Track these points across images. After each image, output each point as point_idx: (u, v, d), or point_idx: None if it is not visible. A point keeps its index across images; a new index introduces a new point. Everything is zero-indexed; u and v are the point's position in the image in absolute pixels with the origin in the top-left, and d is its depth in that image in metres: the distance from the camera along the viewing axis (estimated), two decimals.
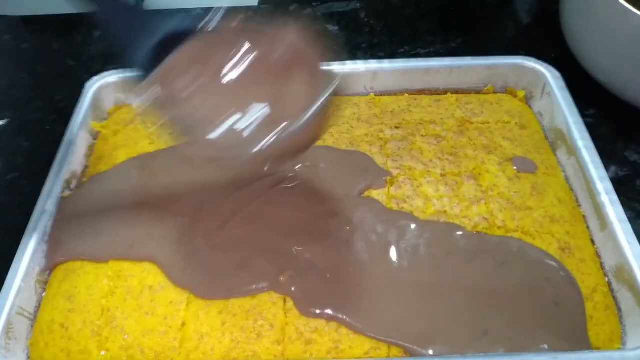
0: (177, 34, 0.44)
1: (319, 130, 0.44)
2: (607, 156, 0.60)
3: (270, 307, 0.49)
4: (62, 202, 0.58)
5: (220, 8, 0.46)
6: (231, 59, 0.43)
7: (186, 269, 0.51)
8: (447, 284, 0.50)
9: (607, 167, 0.58)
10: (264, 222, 0.55)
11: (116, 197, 0.58)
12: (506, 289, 0.50)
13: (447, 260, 0.52)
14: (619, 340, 0.49)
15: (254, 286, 0.50)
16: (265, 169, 0.43)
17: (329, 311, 0.49)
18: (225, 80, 0.43)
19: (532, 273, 0.51)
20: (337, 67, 0.69)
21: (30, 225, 0.55)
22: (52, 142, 0.65)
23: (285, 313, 0.49)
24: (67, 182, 0.60)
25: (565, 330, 0.48)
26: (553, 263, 0.52)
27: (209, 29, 0.44)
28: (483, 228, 0.54)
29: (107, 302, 0.50)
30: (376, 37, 0.90)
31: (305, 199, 0.56)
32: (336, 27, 0.92)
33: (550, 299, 0.50)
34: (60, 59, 0.88)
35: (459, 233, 0.54)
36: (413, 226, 0.54)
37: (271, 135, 0.41)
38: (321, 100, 0.42)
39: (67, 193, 0.59)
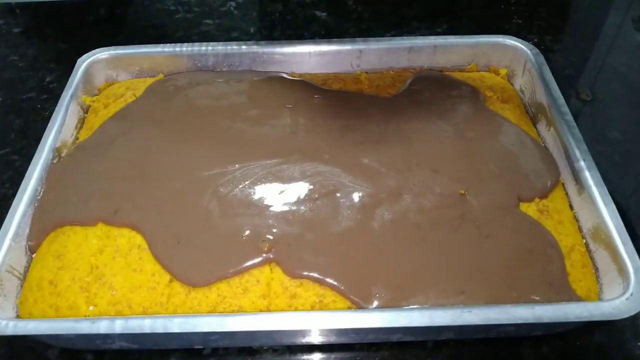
0: None
1: None
2: None
3: None
4: (52, 168, 0.58)
5: None
6: None
7: (166, 247, 0.51)
8: (431, 250, 0.51)
9: None
10: (246, 194, 0.55)
11: (102, 162, 0.59)
12: (488, 252, 0.51)
13: (431, 228, 0.53)
14: (595, 297, 0.50)
15: (237, 268, 0.50)
16: None
17: (313, 274, 0.50)
18: None
19: (513, 236, 0.52)
20: (325, 45, 0.70)
21: (21, 188, 0.55)
22: (42, 120, 0.66)
23: (271, 269, 0.50)
24: (58, 151, 0.61)
25: (546, 284, 0.49)
26: (532, 223, 0.53)
27: None
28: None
29: (96, 260, 0.51)
30: (363, 23, 0.92)
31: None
32: (324, 14, 0.93)
33: (530, 259, 0.51)
34: (52, 43, 0.90)
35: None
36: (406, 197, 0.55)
37: None
38: None
39: (57, 161, 0.60)
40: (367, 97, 0.67)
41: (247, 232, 0.52)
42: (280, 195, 0.55)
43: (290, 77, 0.70)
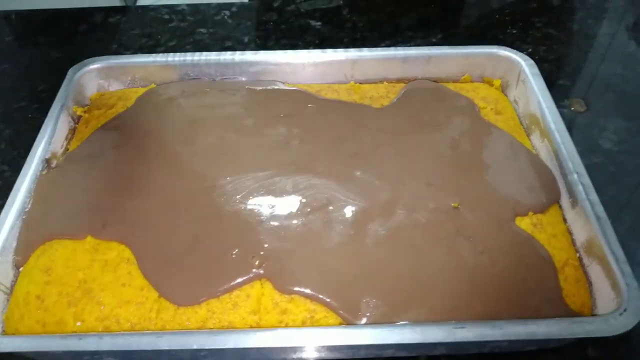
0: None
1: None
2: None
3: None
4: (40, 180, 0.58)
5: None
6: None
7: (154, 266, 0.50)
8: (425, 267, 0.51)
9: None
10: (237, 209, 0.55)
11: (91, 174, 0.58)
12: (483, 268, 0.50)
13: (425, 245, 0.52)
14: (589, 312, 0.49)
15: (226, 287, 0.49)
16: None
17: (304, 290, 0.49)
18: None
19: (508, 251, 0.52)
20: (318, 55, 0.70)
21: (9, 201, 0.55)
22: (33, 130, 0.65)
23: (261, 284, 0.49)
24: (48, 162, 0.60)
25: (540, 300, 0.48)
26: (527, 238, 0.52)
27: None
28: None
29: (84, 275, 0.50)
30: (358, 33, 0.91)
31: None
32: (319, 23, 0.93)
33: (525, 275, 0.50)
34: (44, 51, 0.89)
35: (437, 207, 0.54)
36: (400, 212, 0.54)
37: None
38: None
39: (46, 172, 0.59)
40: (361, 107, 0.66)
41: (237, 250, 0.51)
42: (272, 209, 0.54)
43: (284, 86, 0.69)
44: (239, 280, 0.49)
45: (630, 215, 0.62)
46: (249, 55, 0.70)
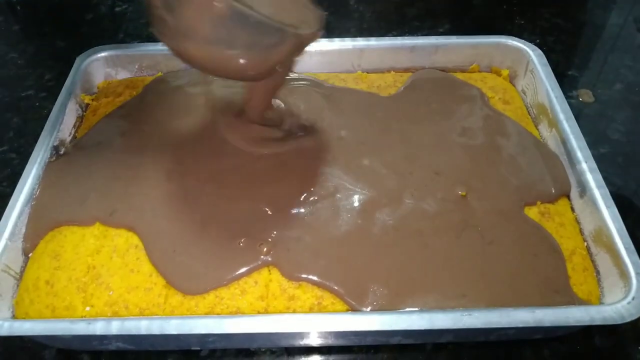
0: None
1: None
2: None
3: None
4: (48, 167, 0.58)
5: None
6: None
7: (162, 255, 0.50)
8: (433, 256, 0.51)
9: None
10: (248, 189, 0.55)
11: (99, 161, 0.58)
12: (491, 258, 0.50)
13: (434, 234, 0.52)
14: (597, 301, 0.49)
15: (233, 275, 0.49)
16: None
17: (312, 277, 0.49)
18: None
19: (516, 241, 0.52)
20: (325, 44, 0.70)
21: (18, 188, 0.55)
22: (41, 118, 0.66)
23: (269, 270, 0.50)
24: (56, 149, 0.60)
25: (548, 288, 0.48)
26: (535, 227, 0.52)
27: None
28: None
29: (92, 260, 0.50)
30: (365, 23, 0.91)
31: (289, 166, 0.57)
32: (326, 13, 0.92)
33: (534, 264, 0.50)
34: (51, 41, 0.89)
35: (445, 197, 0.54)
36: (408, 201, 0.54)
37: None
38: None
39: (54, 159, 0.60)
40: (368, 95, 0.66)
41: (245, 237, 0.51)
42: (279, 197, 0.54)
43: (291, 73, 0.69)
44: (247, 268, 0.49)
45: (639, 205, 0.62)
46: None
